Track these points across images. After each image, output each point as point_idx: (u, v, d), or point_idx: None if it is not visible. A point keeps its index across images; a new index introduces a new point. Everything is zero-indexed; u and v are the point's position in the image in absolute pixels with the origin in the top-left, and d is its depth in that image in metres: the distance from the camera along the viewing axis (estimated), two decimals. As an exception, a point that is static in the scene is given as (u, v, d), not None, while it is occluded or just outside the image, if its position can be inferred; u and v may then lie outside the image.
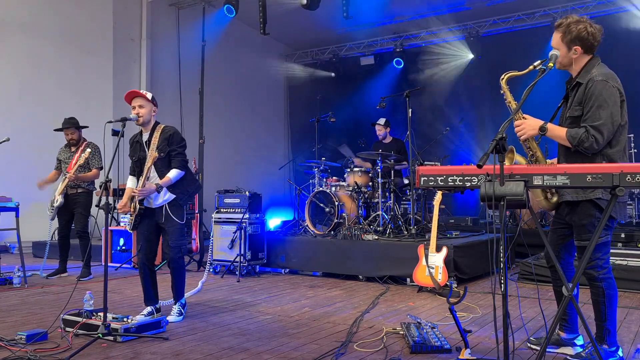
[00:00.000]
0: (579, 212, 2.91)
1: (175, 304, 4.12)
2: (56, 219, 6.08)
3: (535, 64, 2.87)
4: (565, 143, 2.86)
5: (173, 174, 3.98)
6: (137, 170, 4.15)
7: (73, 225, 6.12)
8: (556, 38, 2.96)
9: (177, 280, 4.10)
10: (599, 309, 2.94)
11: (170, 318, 3.99)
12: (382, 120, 7.71)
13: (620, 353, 3.00)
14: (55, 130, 6.23)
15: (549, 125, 2.88)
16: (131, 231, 4.15)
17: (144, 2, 10.27)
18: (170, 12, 10.65)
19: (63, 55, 9.22)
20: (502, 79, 3.11)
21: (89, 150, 5.81)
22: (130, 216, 4.02)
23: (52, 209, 5.99)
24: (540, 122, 2.90)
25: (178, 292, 4.12)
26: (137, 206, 3.95)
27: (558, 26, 2.97)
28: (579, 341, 3.21)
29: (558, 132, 2.86)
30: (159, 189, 3.92)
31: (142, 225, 4.05)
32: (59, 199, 5.94)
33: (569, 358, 3.13)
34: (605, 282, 2.89)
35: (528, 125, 2.91)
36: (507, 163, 2.56)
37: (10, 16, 8.62)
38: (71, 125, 6.07)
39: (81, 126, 6.16)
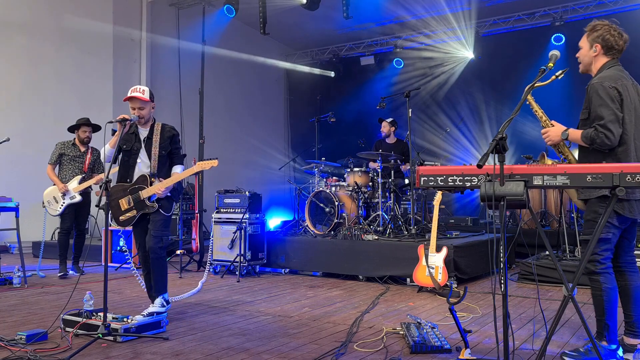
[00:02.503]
0: (587, 209, 3.07)
1: (157, 297, 3.97)
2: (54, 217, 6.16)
3: (557, 73, 2.97)
4: (583, 144, 3.01)
5: (179, 170, 4.14)
6: (123, 158, 4.13)
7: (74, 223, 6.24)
8: (583, 38, 3.19)
9: (156, 272, 3.96)
10: (597, 303, 3.02)
11: (150, 307, 3.90)
12: (389, 119, 7.76)
13: (620, 352, 3.01)
14: (71, 127, 6.29)
15: (570, 131, 3.06)
16: (130, 227, 4.13)
17: (144, 2, 10.27)
18: (170, 12, 10.65)
19: (63, 55, 9.22)
20: (527, 90, 3.13)
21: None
22: (130, 212, 4.01)
23: (58, 205, 6.01)
24: (562, 129, 3.08)
25: (158, 286, 3.97)
26: (152, 204, 3.97)
27: (586, 28, 3.19)
28: None
29: (577, 135, 3.02)
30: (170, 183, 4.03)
31: (139, 224, 4.07)
32: (76, 196, 6.04)
33: (567, 352, 3.13)
34: (602, 277, 2.97)
35: (552, 133, 3.11)
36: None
37: (11, 16, 8.63)
38: (91, 124, 6.30)
39: (95, 125, 6.33)
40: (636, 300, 3.08)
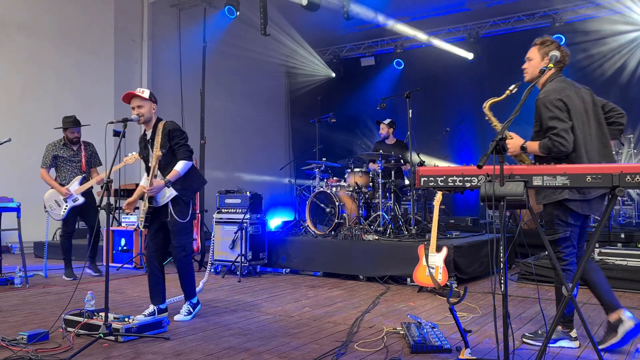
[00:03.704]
0: (544, 211, 3.32)
1: (185, 302, 4.15)
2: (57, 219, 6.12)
3: (511, 87, 3.17)
4: (540, 154, 3.20)
5: (180, 166, 3.97)
6: (146, 168, 4.19)
7: (84, 223, 6.18)
8: (533, 50, 3.43)
9: (183, 280, 4.13)
10: (558, 294, 3.27)
11: (177, 317, 4.04)
12: (387, 120, 7.76)
13: (573, 334, 3.32)
14: (58, 128, 6.20)
15: (527, 144, 3.24)
16: (143, 229, 4.16)
17: (145, 3, 10.28)
18: (172, 13, 10.66)
19: (64, 55, 9.24)
20: (485, 106, 3.44)
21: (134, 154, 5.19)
22: (142, 215, 4.04)
23: (61, 209, 5.98)
24: (521, 141, 3.26)
25: (186, 291, 4.16)
26: (147, 204, 3.97)
27: (536, 42, 3.44)
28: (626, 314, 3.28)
29: (534, 147, 3.22)
30: (167, 183, 3.92)
31: (151, 225, 4.08)
32: (79, 198, 5.97)
33: (527, 334, 3.47)
34: (565, 273, 3.20)
35: (512, 145, 3.27)
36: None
37: (12, 16, 8.64)
38: (77, 124, 6.13)
39: (82, 125, 6.22)
40: (598, 282, 3.29)
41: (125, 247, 7.06)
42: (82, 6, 9.48)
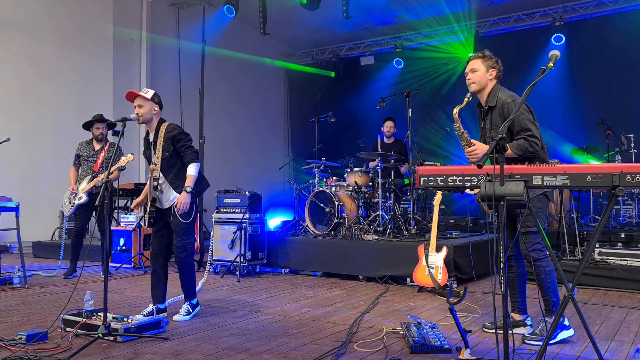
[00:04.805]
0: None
1: (184, 302, 4.16)
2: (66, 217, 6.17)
3: (467, 95, 3.58)
4: (511, 156, 3.31)
5: (192, 170, 4.02)
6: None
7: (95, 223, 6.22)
8: (477, 62, 3.69)
9: (183, 280, 4.14)
10: (542, 285, 3.45)
11: (175, 317, 4.04)
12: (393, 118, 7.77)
13: (566, 322, 3.42)
14: (86, 124, 6.17)
15: None
16: (149, 228, 4.19)
17: (144, 2, 10.27)
18: (171, 12, 10.66)
19: (63, 55, 9.22)
20: (455, 112, 3.68)
21: (129, 156, 5.17)
22: (145, 215, 4.07)
23: (69, 206, 6.00)
24: (486, 147, 3.44)
25: (186, 291, 4.16)
26: (148, 206, 4.00)
27: (479, 55, 3.73)
28: (529, 321, 3.73)
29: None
30: (187, 189, 3.96)
31: (155, 224, 4.10)
32: (83, 197, 5.99)
33: (527, 334, 3.50)
34: (544, 261, 3.41)
35: (480, 151, 3.48)
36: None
37: (11, 16, 8.63)
38: (103, 120, 6.13)
39: (109, 121, 6.16)
40: (522, 284, 3.71)
41: (124, 247, 7.05)
42: (82, 6, 9.47)
